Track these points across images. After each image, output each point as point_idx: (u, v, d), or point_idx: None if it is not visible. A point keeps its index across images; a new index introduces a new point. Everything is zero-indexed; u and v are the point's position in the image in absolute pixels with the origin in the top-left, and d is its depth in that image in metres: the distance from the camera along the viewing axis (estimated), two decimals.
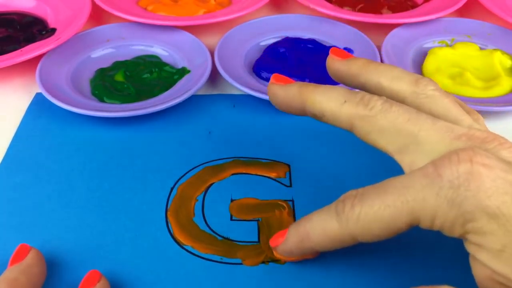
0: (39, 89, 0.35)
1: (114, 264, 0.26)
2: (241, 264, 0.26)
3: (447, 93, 0.23)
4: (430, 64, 0.39)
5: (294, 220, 0.28)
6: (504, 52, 0.41)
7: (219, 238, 0.27)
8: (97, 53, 0.41)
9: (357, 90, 0.24)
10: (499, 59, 0.40)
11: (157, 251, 0.26)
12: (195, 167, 0.31)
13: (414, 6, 0.48)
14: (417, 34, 0.43)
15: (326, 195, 0.28)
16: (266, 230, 0.28)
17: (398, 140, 0.21)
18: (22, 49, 0.38)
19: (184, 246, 0.27)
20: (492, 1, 0.45)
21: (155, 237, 0.27)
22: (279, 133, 0.34)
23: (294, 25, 0.44)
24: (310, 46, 0.41)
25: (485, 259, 0.18)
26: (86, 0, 0.43)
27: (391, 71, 0.24)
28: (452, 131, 0.20)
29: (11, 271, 0.23)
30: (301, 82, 0.25)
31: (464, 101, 0.35)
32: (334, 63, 0.26)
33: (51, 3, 0.45)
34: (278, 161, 0.32)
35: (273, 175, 0.31)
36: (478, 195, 0.17)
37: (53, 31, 0.41)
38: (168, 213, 0.28)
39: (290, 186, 0.30)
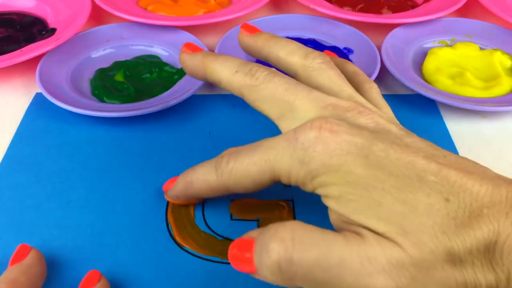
0: (39, 89, 0.35)
1: (114, 264, 0.26)
2: None
3: (333, 65, 0.25)
4: (430, 64, 0.39)
5: (294, 219, 0.28)
6: (504, 52, 0.41)
7: (219, 238, 0.27)
8: (97, 53, 0.41)
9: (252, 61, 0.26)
10: (499, 59, 0.40)
11: (157, 251, 0.26)
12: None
13: (414, 6, 0.48)
14: (417, 34, 0.43)
15: None
16: None
17: (277, 107, 0.24)
18: (22, 49, 0.38)
19: (184, 247, 0.27)
20: (492, 1, 0.45)
21: (155, 238, 0.27)
22: (279, 133, 0.34)
23: (294, 25, 0.44)
24: (310, 46, 0.41)
25: (331, 205, 0.21)
26: (86, 0, 0.43)
27: (288, 46, 0.26)
28: (322, 101, 0.23)
29: (11, 271, 0.23)
30: (206, 52, 0.27)
31: (464, 101, 0.35)
32: (243, 38, 0.28)
33: (51, 3, 0.45)
34: None
35: None
36: (322, 155, 0.20)
37: (53, 31, 0.41)
38: (168, 213, 0.28)
39: (290, 186, 0.30)
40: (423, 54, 0.41)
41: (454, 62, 0.40)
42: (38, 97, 0.37)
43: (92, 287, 0.23)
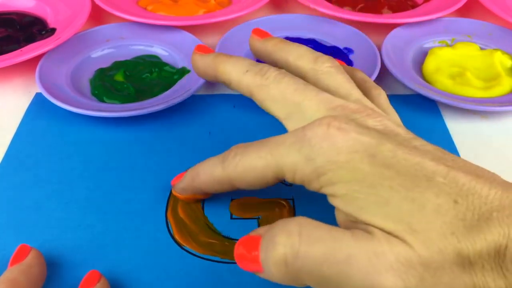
0: (39, 89, 0.35)
1: (114, 264, 0.26)
2: None
3: (342, 70, 0.25)
4: (430, 64, 0.39)
5: None
6: (505, 52, 0.41)
7: (219, 237, 0.27)
8: (97, 53, 0.41)
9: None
10: (499, 59, 0.40)
11: (157, 251, 0.26)
12: None
13: (414, 6, 0.48)
14: (417, 34, 0.43)
15: None
16: None
17: (286, 107, 0.24)
18: (22, 49, 0.38)
19: (184, 247, 0.27)
20: (492, 1, 0.45)
21: (155, 237, 0.27)
22: (279, 133, 0.34)
23: (294, 25, 0.44)
24: (310, 46, 0.41)
25: (337, 204, 0.21)
26: (86, 0, 0.43)
27: (297, 50, 0.26)
28: (331, 102, 0.23)
29: (12, 272, 0.23)
30: (217, 53, 0.27)
31: (464, 101, 0.35)
32: (254, 43, 0.28)
33: (51, 3, 0.45)
34: None
35: None
36: (329, 152, 0.20)
37: (53, 31, 0.41)
38: (168, 213, 0.28)
39: (290, 185, 0.30)
40: (423, 54, 0.41)
41: (454, 62, 0.40)
42: (38, 97, 0.37)
43: (92, 287, 0.23)
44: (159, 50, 0.41)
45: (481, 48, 0.42)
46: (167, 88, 0.37)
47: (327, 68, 0.25)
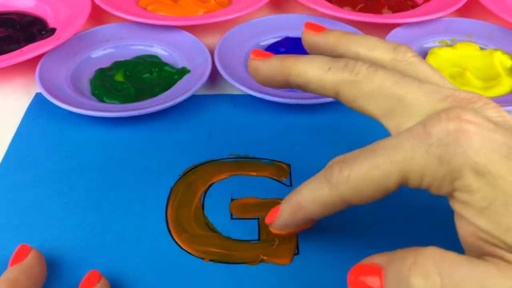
0: (39, 89, 0.35)
1: (114, 264, 0.26)
2: (241, 264, 0.26)
3: (424, 60, 0.23)
4: (430, 64, 0.39)
5: None
6: (505, 52, 0.41)
7: (219, 237, 0.27)
8: (97, 53, 0.41)
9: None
10: (499, 59, 0.40)
11: (157, 251, 0.26)
12: (195, 167, 0.31)
13: (414, 6, 0.48)
14: (417, 34, 0.43)
15: None
16: (266, 228, 0.28)
17: (385, 104, 0.21)
18: (22, 49, 0.38)
19: (183, 247, 0.27)
20: (492, 1, 0.45)
21: (155, 237, 0.27)
22: (279, 133, 0.34)
23: (294, 25, 0.44)
24: None
25: (470, 216, 0.18)
26: (86, 0, 0.43)
27: (368, 41, 0.24)
28: (439, 93, 0.20)
29: (12, 272, 0.23)
30: (282, 55, 0.25)
31: None
32: (310, 37, 0.25)
33: (51, 3, 0.45)
34: (279, 161, 0.32)
35: (273, 176, 0.31)
36: (467, 152, 0.17)
37: (53, 31, 0.41)
38: (168, 213, 0.28)
39: (290, 185, 0.30)
40: (423, 54, 0.41)
41: (454, 62, 0.40)
42: (38, 97, 0.37)
43: (92, 287, 0.23)
44: (159, 50, 0.41)
45: (481, 48, 0.42)
46: (167, 88, 0.37)
47: (411, 58, 0.23)
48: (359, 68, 0.22)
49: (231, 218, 0.28)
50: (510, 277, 0.16)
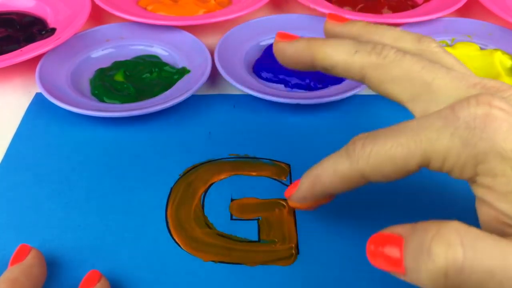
0: (39, 89, 0.35)
1: (114, 264, 0.26)
2: (241, 264, 0.26)
3: (447, 51, 0.23)
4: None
5: (295, 219, 0.28)
6: (505, 52, 0.41)
7: (219, 237, 0.27)
8: (97, 53, 0.41)
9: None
10: (499, 59, 0.40)
11: (157, 251, 0.26)
12: (195, 167, 0.31)
13: (414, 6, 0.48)
14: None
15: None
16: (266, 228, 0.28)
17: (412, 88, 0.21)
18: (22, 49, 0.38)
19: (183, 247, 0.27)
20: (492, 1, 0.45)
21: (155, 237, 0.27)
22: (279, 133, 0.34)
23: (294, 25, 0.44)
24: None
25: (493, 201, 0.18)
26: (86, 0, 0.43)
27: (392, 31, 0.24)
28: (467, 80, 0.20)
29: (12, 272, 0.23)
30: (308, 37, 0.24)
31: None
32: (333, 27, 0.25)
33: (51, 3, 0.45)
34: (279, 161, 0.32)
35: (273, 176, 0.31)
36: (494, 137, 0.18)
37: (52, 31, 0.41)
38: (168, 213, 0.28)
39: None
40: None
41: None
42: (38, 97, 0.37)
43: (92, 287, 0.23)
44: (159, 50, 0.41)
45: (481, 48, 0.42)
46: (167, 88, 0.37)
47: (436, 48, 0.23)
48: (387, 52, 0.22)
49: (231, 219, 0.28)
50: None
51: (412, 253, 0.17)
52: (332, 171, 0.22)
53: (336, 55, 0.23)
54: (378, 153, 0.20)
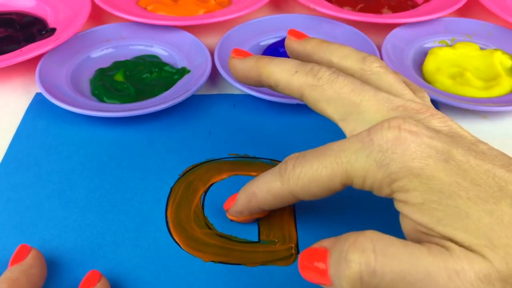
0: (39, 89, 0.35)
1: (114, 264, 0.26)
2: (241, 264, 0.26)
3: (392, 70, 0.25)
4: (430, 64, 0.39)
5: (294, 219, 0.28)
6: (505, 52, 0.41)
7: (219, 237, 0.27)
8: (97, 53, 0.41)
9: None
10: (499, 59, 0.40)
11: (157, 251, 0.26)
12: (195, 166, 0.31)
13: (414, 6, 0.48)
14: (417, 34, 0.43)
15: None
16: (266, 229, 0.28)
17: (342, 108, 0.23)
18: (22, 49, 0.38)
19: (182, 247, 0.27)
20: (492, 1, 0.45)
21: (155, 237, 0.27)
22: (279, 133, 0.34)
23: (294, 25, 0.44)
24: None
25: (409, 213, 0.20)
26: (86, 0, 0.43)
27: (341, 50, 0.25)
28: (391, 102, 0.22)
29: (12, 272, 0.23)
30: (258, 56, 0.26)
31: (464, 101, 0.35)
32: (291, 44, 0.27)
33: (51, 3, 0.45)
34: (279, 161, 0.32)
35: None
36: (403, 158, 0.19)
37: (52, 31, 0.41)
38: (168, 213, 0.28)
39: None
40: (423, 54, 0.41)
41: (454, 62, 0.40)
42: (38, 97, 0.37)
43: (92, 287, 0.23)
44: (159, 50, 0.41)
45: (481, 48, 0.42)
46: (167, 88, 0.37)
47: (376, 68, 0.24)
48: (322, 73, 0.23)
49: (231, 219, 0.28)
50: (436, 256, 0.18)
51: (334, 262, 0.19)
52: (266, 190, 0.24)
53: (279, 73, 0.25)
54: (305, 174, 0.22)
